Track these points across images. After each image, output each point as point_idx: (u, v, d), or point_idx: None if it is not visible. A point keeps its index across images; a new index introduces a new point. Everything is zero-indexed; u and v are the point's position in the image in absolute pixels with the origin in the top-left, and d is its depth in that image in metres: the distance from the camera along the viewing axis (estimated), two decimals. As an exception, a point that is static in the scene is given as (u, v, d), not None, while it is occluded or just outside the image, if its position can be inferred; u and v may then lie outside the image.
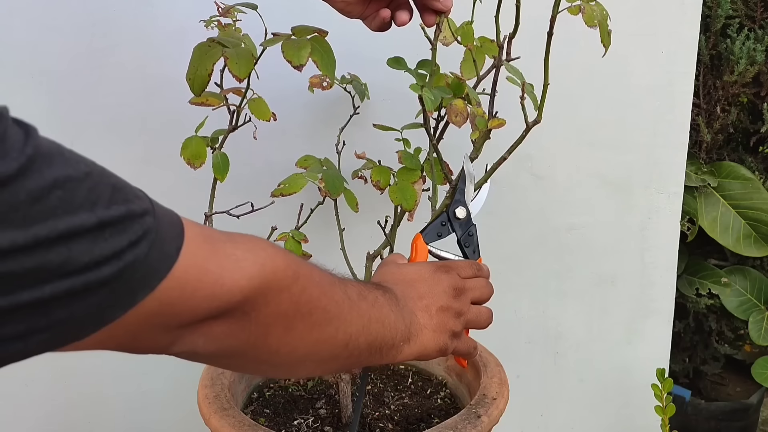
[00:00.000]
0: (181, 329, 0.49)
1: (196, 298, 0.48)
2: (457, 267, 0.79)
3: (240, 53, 0.86)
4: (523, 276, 1.41)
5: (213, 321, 0.50)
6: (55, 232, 0.38)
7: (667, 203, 1.40)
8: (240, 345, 0.54)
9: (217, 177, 0.94)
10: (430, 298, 0.74)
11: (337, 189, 0.98)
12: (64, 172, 0.39)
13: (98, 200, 0.40)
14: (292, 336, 0.57)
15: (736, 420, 1.77)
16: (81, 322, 0.41)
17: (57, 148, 0.40)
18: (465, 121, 0.88)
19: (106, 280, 0.41)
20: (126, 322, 0.44)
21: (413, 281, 0.75)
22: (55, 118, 1.19)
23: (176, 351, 0.51)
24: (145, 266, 0.43)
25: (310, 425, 1.00)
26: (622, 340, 1.48)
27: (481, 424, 0.88)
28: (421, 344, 0.72)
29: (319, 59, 0.84)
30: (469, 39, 0.94)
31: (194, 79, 0.88)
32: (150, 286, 0.44)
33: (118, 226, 0.41)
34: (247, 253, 0.51)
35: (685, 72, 1.33)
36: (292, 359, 0.60)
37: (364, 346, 0.64)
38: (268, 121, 0.93)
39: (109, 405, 1.34)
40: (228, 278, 0.49)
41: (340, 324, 0.61)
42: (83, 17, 1.16)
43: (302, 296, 0.56)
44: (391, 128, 1.03)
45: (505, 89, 0.94)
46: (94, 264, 0.40)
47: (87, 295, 0.40)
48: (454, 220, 0.84)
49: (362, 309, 0.64)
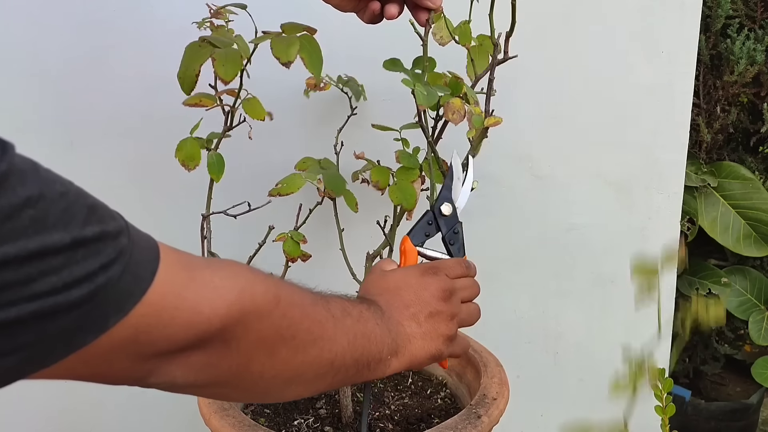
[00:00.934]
0: (158, 359, 0.47)
1: (173, 326, 0.46)
2: (445, 267, 0.76)
3: (229, 54, 0.85)
4: (523, 276, 1.41)
5: (191, 351, 0.49)
6: (24, 251, 0.37)
7: (667, 203, 1.40)
8: (221, 374, 0.52)
9: (213, 177, 0.93)
10: (418, 306, 0.72)
11: (339, 189, 0.98)
12: (37, 191, 0.38)
13: (72, 220, 0.39)
14: (276, 361, 0.55)
15: (736, 420, 1.77)
16: (49, 346, 0.40)
17: (32, 166, 0.39)
18: (462, 119, 0.88)
19: (76, 303, 0.39)
20: (98, 348, 0.42)
21: (398, 289, 0.73)
22: (54, 118, 1.19)
23: (153, 382, 0.49)
24: (118, 289, 0.42)
25: (310, 425, 1.00)
26: (622, 340, 1.47)
27: (481, 425, 0.88)
28: (410, 355, 0.70)
29: (307, 57, 0.84)
30: (467, 39, 0.94)
31: (184, 78, 0.87)
32: (123, 311, 0.42)
33: (91, 246, 0.40)
34: (225, 281, 0.50)
35: (685, 72, 1.33)
36: (277, 384, 0.58)
37: (350, 363, 0.62)
38: (263, 120, 0.92)
39: (109, 405, 1.34)
40: (206, 306, 0.48)
41: (325, 344, 0.59)
42: (83, 17, 1.16)
43: (284, 320, 0.55)
44: (389, 128, 1.03)
45: (503, 88, 0.94)
46: (63, 285, 0.38)
47: (56, 317, 0.39)
48: (440, 218, 0.83)
49: (347, 326, 0.62)
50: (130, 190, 1.22)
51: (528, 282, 1.41)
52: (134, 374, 0.48)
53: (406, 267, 0.79)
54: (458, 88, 0.92)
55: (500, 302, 1.41)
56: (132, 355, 0.45)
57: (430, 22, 0.86)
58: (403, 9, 0.86)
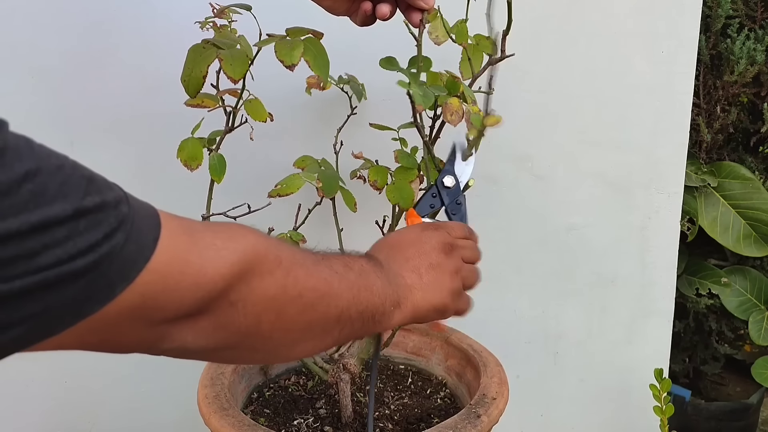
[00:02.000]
0: (167, 324, 0.48)
1: (179, 290, 0.47)
2: (447, 226, 0.78)
3: (234, 54, 0.86)
4: (523, 276, 1.41)
5: (200, 314, 0.50)
6: (27, 224, 0.37)
7: (667, 203, 1.40)
8: (231, 336, 0.53)
9: (214, 178, 0.93)
10: (418, 258, 0.72)
11: (333, 189, 0.98)
12: (34, 165, 0.39)
13: (71, 192, 0.40)
14: (284, 320, 0.56)
15: (736, 420, 1.77)
16: (57, 315, 0.41)
17: (26, 142, 0.40)
18: (460, 119, 0.88)
19: (81, 272, 0.40)
20: (106, 316, 0.43)
21: (399, 244, 0.74)
22: (55, 118, 1.19)
23: (165, 348, 0.50)
24: (122, 257, 0.42)
25: (310, 425, 1.00)
26: (622, 340, 1.48)
27: (481, 424, 0.88)
28: (413, 305, 0.70)
29: (312, 59, 0.84)
30: (463, 37, 0.94)
31: (189, 81, 0.87)
32: (128, 278, 0.43)
33: (93, 216, 0.41)
34: (227, 242, 0.51)
35: (685, 72, 1.33)
36: (286, 342, 0.59)
37: (356, 316, 0.63)
38: (265, 121, 0.93)
39: (109, 405, 1.34)
40: (210, 267, 0.49)
41: (330, 300, 0.60)
42: (83, 17, 1.16)
43: (288, 279, 0.56)
44: (387, 127, 1.03)
45: (503, 88, 0.94)
46: (68, 256, 0.39)
47: (62, 287, 0.39)
48: (443, 189, 0.84)
49: (350, 280, 0.63)
50: (130, 191, 1.22)
51: (528, 282, 1.41)
52: (145, 341, 0.49)
53: (408, 226, 0.80)
54: (455, 88, 0.92)
55: (500, 302, 1.41)
56: (141, 322, 0.46)
57: (423, 23, 0.87)
58: (395, 9, 0.86)
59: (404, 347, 1.15)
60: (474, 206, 1.33)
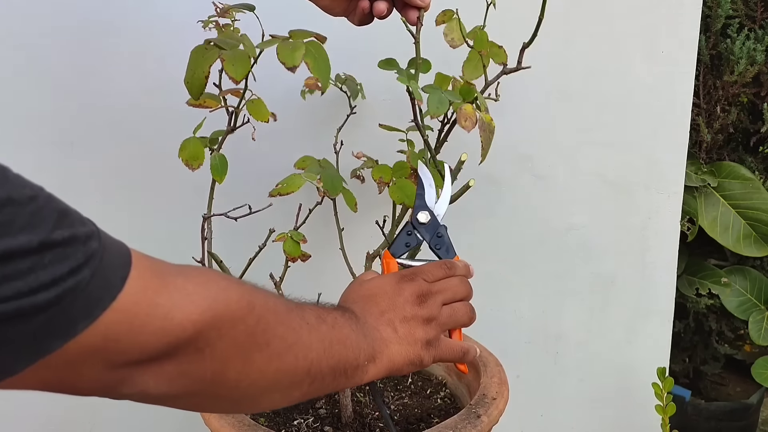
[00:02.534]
0: (130, 368, 0.47)
1: (144, 333, 0.45)
2: (423, 272, 0.75)
3: (237, 55, 0.86)
4: (523, 276, 1.41)
5: (164, 359, 0.48)
6: None
7: (667, 203, 1.39)
8: (195, 384, 0.52)
9: (216, 179, 0.93)
10: (393, 312, 0.71)
11: (336, 189, 0.98)
12: (5, 195, 0.38)
13: (40, 224, 0.39)
14: (251, 368, 0.55)
15: (736, 420, 1.77)
16: (15, 351, 0.39)
17: (1, 171, 0.39)
18: (474, 126, 0.88)
19: (42, 306, 0.39)
20: (66, 355, 0.41)
21: (373, 296, 0.72)
22: (55, 119, 1.19)
23: (125, 392, 0.48)
24: (87, 294, 0.41)
25: (310, 425, 1.00)
26: (622, 340, 1.47)
27: (481, 424, 0.88)
28: (389, 360, 0.69)
29: (312, 62, 0.84)
30: (482, 45, 0.94)
31: (191, 82, 0.87)
32: (92, 316, 0.42)
33: (59, 250, 0.40)
34: (198, 287, 0.50)
35: (685, 72, 1.33)
36: (253, 392, 0.57)
37: (327, 370, 0.62)
38: (267, 122, 0.93)
39: (109, 405, 1.34)
40: (179, 312, 0.47)
41: (300, 351, 0.59)
42: (83, 17, 1.16)
43: (258, 327, 0.54)
44: (396, 129, 1.03)
45: (503, 88, 0.94)
46: (29, 289, 0.38)
47: (21, 321, 0.38)
48: (419, 227, 0.82)
49: (322, 332, 0.62)
50: (130, 191, 1.23)
51: (528, 282, 1.41)
52: (105, 384, 0.47)
53: (383, 275, 0.78)
54: (470, 94, 0.92)
55: (500, 302, 1.41)
56: (102, 363, 0.45)
57: (420, 21, 0.87)
58: (392, 7, 0.86)
59: (404, 347, 1.15)
60: (474, 206, 1.33)
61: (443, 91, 0.90)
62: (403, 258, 0.82)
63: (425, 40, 0.90)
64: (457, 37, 0.93)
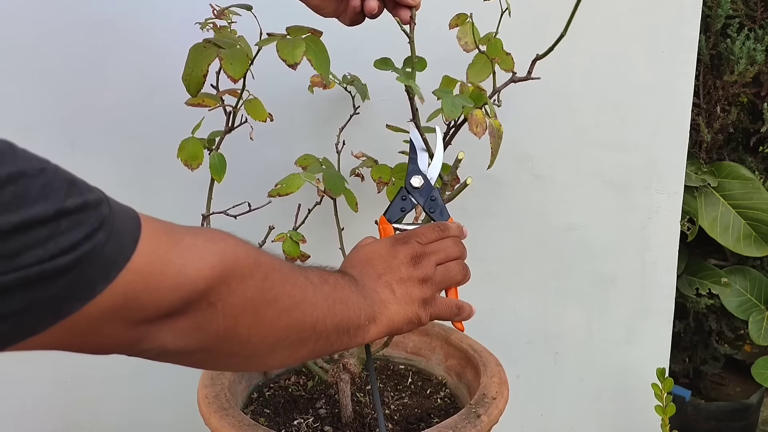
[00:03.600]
0: (147, 325, 0.49)
1: (159, 290, 0.48)
2: (416, 234, 0.78)
3: (235, 54, 0.86)
4: (523, 276, 1.41)
5: (179, 315, 0.50)
6: (8, 224, 0.38)
7: (667, 203, 1.39)
8: (209, 338, 0.54)
9: (215, 178, 0.94)
10: (389, 274, 0.74)
11: (338, 189, 0.98)
12: (16, 168, 0.40)
13: (53, 194, 0.41)
14: (262, 324, 0.57)
15: (736, 420, 1.76)
16: (38, 313, 0.41)
17: (9, 146, 0.40)
18: (484, 131, 0.89)
19: (62, 270, 0.41)
20: (87, 315, 0.44)
21: (370, 260, 0.75)
22: (55, 118, 1.19)
23: (144, 348, 0.51)
24: (103, 257, 0.43)
25: (310, 425, 1.00)
26: (622, 340, 1.47)
27: (481, 424, 0.88)
28: (388, 320, 0.72)
29: (314, 58, 0.85)
30: (496, 53, 0.95)
31: (190, 80, 0.88)
32: (109, 278, 0.44)
33: (74, 216, 0.42)
34: (207, 243, 0.52)
35: (685, 72, 1.33)
36: (262, 348, 0.60)
37: (331, 327, 0.64)
38: (264, 121, 0.93)
39: (109, 405, 1.34)
40: (190, 268, 0.50)
41: (306, 307, 0.61)
42: (83, 17, 1.16)
43: (266, 283, 0.57)
44: (402, 129, 1.03)
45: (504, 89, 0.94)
46: (49, 255, 0.40)
47: (43, 285, 0.40)
48: (413, 191, 0.84)
49: (325, 291, 0.64)
50: (130, 190, 1.22)
51: (528, 282, 1.41)
52: (124, 341, 0.49)
53: (377, 239, 0.80)
54: (480, 100, 0.93)
55: (500, 302, 1.42)
56: (121, 322, 0.47)
57: (413, 20, 0.87)
58: (383, 6, 0.86)
59: (404, 347, 1.15)
60: (474, 206, 1.33)
61: (455, 95, 0.90)
62: (399, 223, 0.83)
63: (426, 40, 0.90)
64: (470, 41, 0.94)
